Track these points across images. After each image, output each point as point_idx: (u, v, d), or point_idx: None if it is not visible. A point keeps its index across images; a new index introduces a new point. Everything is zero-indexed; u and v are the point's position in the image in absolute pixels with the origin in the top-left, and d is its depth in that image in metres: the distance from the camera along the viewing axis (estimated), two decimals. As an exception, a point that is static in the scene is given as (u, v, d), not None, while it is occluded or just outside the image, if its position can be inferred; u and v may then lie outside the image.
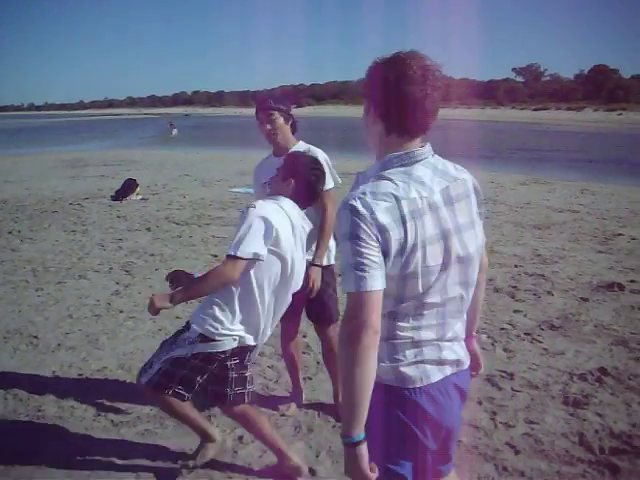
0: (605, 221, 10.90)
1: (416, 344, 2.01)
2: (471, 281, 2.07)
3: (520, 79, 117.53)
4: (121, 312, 6.08)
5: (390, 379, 2.01)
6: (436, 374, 2.04)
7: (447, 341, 2.07)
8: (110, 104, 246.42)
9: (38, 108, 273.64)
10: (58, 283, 7.13)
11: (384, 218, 1.83)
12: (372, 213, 1.83)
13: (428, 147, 2.03)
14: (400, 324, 1.98)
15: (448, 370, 2.07)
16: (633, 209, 12.23)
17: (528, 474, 3.41)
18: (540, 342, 5.24)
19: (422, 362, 2.01)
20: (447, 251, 1.94)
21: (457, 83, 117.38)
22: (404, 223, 1.85)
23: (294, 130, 3.96)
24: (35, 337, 5.45)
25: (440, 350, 2.05)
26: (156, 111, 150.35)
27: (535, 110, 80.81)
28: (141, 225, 10.58)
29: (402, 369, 2.00)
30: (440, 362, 2.05)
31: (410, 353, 2.00)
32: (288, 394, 4.35)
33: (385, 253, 1.84)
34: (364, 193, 1.88)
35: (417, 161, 1.97)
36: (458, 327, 2.11)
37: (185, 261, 7.99)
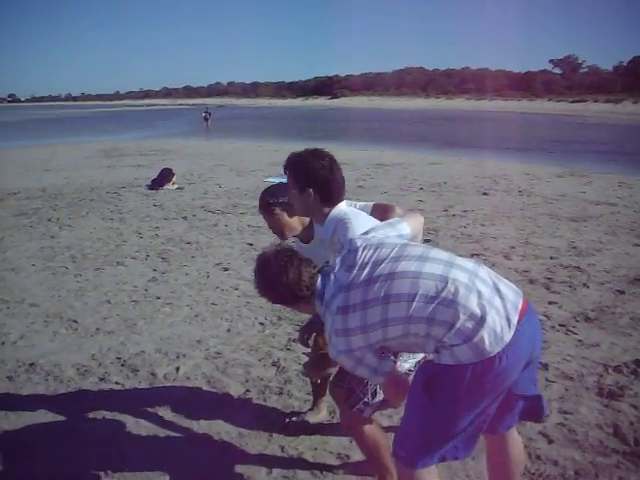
0: (643, 215, 10.73)
1: (474, 317, 2.17)
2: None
3: (557, 71, 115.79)
4: (158, 298, 6.19)
5: (469, 357, 2.17)
6: (507, 333, 2.19)
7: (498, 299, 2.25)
8: (146, 95, 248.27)
9: (75, 99, 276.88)
10: (96, 269, 7.27)
11: None
12: None
13: None
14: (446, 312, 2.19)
15: (514, 320, 2.22)
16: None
17: (561, 463, 3.41)
18: (575, 334, 5.21)
19: (490, 329, 2.18)
20: None
21: (493, 75, 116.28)
22: None
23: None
24: (74, 321, 5.58)
25: (498, 311, 2.21)
26: (191, 102, 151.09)
27: (572, 102, 79.48)
28: (177, 214, 10.72)
29: (477, 340, 2.17)
30: (506, 319, 2.21)
31: (475, 326, 2.17)
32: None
33: None
34: None
35: None
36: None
37: (221, 249, 8.09)
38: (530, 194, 12.80)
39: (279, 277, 2.44)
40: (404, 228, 2.67)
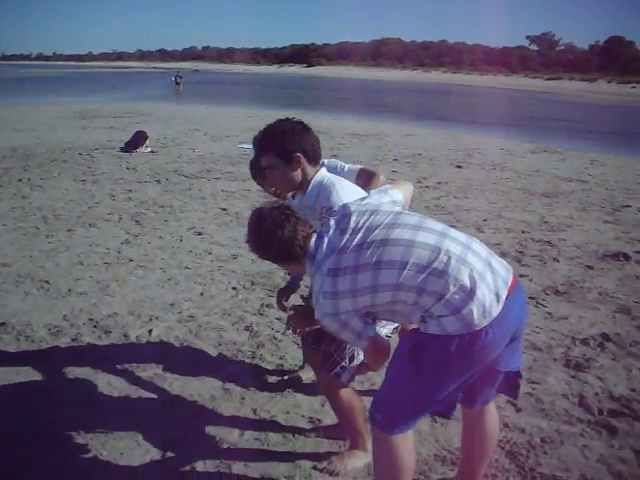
0: (613, 192, 10.87)
1: (464, 289, 2.19)
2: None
3: (534, 47, 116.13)
4: (131, 261, 6.15)
5: (456, 329, 2.20)
6: (495, 307, 2.22)
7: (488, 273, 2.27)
8: (119, 57, 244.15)
9: (47, 58, 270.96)
10: (68, 230, 7.19)
11: None
12: None
13: None
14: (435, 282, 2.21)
15: (503, 295, 2.25)
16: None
17: (528, 431, 3.49)
18: (545, 306, 5.29)
19: (479, 302, 2.19)
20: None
21: (470, 49, 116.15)
22: None
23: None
24: (46, 282, 5.53)
25: (488, 285, 2.23)
26: (166, 65, 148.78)
27: (548, 79, 79.58)
28: (151, 177, 10.61)
29: (465, 312, 2.18)
30: (496, 294, 2.23)
31: (464, 298, 2.18)
32: (296, 346, 4.42)
33: None
34: None
35: None
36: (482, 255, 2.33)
37: (194, 214, 8.05)
38: (504, 168, 12.90)
39: (274, 232, 2.42)
40: (397, 195, 2.67)
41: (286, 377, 3.94)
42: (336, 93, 47.43)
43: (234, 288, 5.51)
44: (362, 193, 2.95)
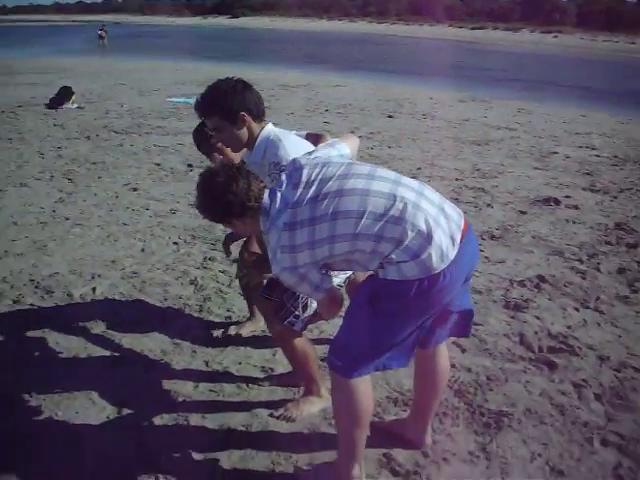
0: (541, 139, 11.17)
1: (421, 235, 2.23)
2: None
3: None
4: (67, 219, 6.00)
5: (415, 273, 2.23)
6: (451, 251, 2.27)
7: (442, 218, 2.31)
8: (36, 9, 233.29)
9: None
10: (-2, 191, 6.95)
11: None
12: None
13: None
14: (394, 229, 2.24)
15: (458, 238, 2.31)
16: (567, 129, 12.54)
17: (474, 370, 3.63)
18: (482, 251, 5.43)
19: (437, 246, 2.24)
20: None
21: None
22: None
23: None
24: (-21, 244, 5.35)
25: (443, 229, 2.28)
26: (85, 18, 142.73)
27: (473, 29, 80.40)
28: (80, 134, 10.27)
29: (424, 257, 2.23)
30: (451, 237, 2.29)
31: (422, 243, 2.23)
32: (241, 297, 4.43)
33: None
34: None
35: None
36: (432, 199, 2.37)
37: (128, 170, 7.88)
38: (434, 118, 13.06)
39: (229, 186, 2.38)
40: (344, 148, 2.67)
41: (233, 331, 3.96)
42: (262, 44, 46.71)
43: (175, 243, 5.46)
44: (309, 146, 2.96)
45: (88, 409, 3.17)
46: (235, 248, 3.95)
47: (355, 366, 2.44)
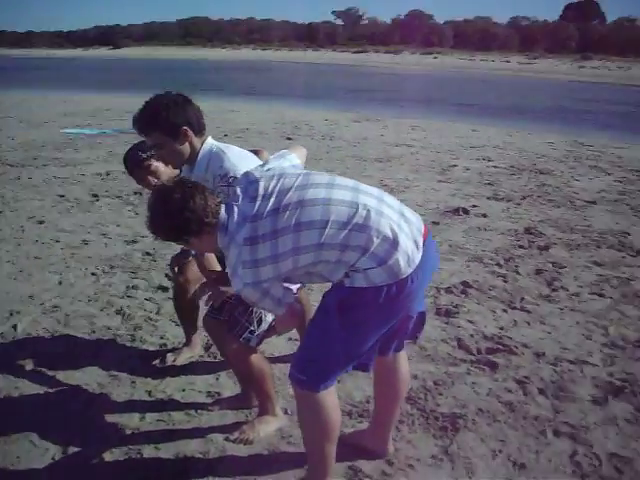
0: (439, 154, 11.54)
1: (387, 240, 2.23)
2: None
3: (340, 22, 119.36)
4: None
5: (384, 279, 2.22)
6: (416, 255, 2.28)
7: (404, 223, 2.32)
8: None
9: None
10: None
11: None
12: None
13: None
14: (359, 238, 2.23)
15: (420, 242, 2.31)
16: (461, 143, 13.05)
17: (420, 376, 3.65)
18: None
19: (403, 251, 2.24)
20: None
21: (278, 25, 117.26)
22: None
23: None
24: None
25: (407, 234, 2.28)
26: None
27: (355, 52, 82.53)
28: (-30, 169, 9.69)
29: (391, 263, 2.21)
30: (414, 241, 2.29)
31: (388, 249, 2.22)
32: (174, 324, 4.28)
33: None
34: None
35: None
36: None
37: (31, 202, 7.47)
38: (333, 138, 13.23)
39: (186, 203, 2.27)
40: (294, 159, 2.64)
41: (171, 358, 3.81)
42: (148, 74, 45.88)
43: (93, 274, 5.21)
44: (252, 157, 2.94)
45: (30, 452, 2.93)
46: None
47: (321, 379, 2.40)
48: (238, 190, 2.35)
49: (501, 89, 37.49)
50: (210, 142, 2.89)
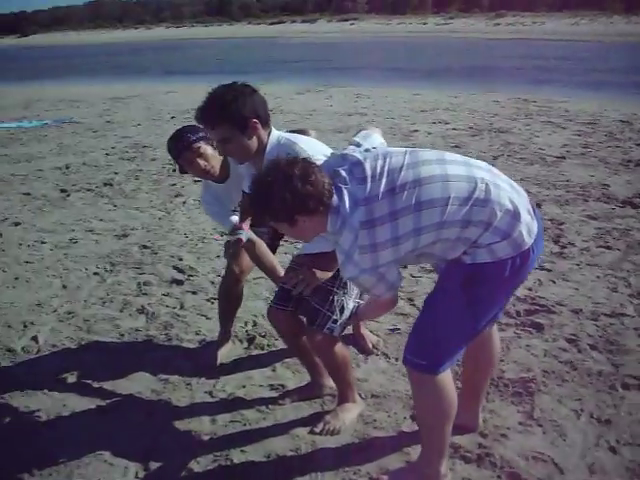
0: (395, 120, 11.50)
1: (509, 213, 2.18)
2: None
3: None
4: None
5: (508, 252, 2.17)
6: (533, 224, 2.24)
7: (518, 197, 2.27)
8: None
9: None
10: None
11: None
12: None
13: None
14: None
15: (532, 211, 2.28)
16: (411, 107, 13.06)
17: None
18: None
19: (524, 223, 2.20)
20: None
21: (188, 1, 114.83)
22: None
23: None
24: None
25: (522, 205, 2.24)
26: None
27: (272, 24, 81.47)
28: None
29: (515, 235, 2.17)
30: (528, 211, 2.25)
31: (511, 222, 2.18)
32: (202, 317, 4.13)
33: None
34: None
35: None
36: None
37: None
38: (283, 112, 13.00)
39: (307, 176, 2.12)
40: (380, 137, 2.57)
41: (223, 352, 3.66)
42: (66, 60, 44.13)
43: (96, 273, 4.96)
44: (321, 144, 2.84)
45: (109, 473, 2.73)
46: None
47: (443, 361, 2.33)
48: (343, 172, 2.23)
49: (427, 52, 37.81)
50: (277, 133, 2.79)
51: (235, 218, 3.07)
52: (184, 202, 6.80)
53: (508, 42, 43.30)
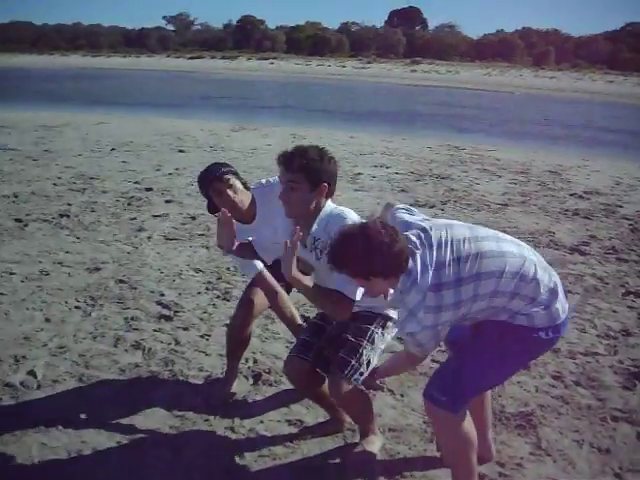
0: (337, 162, 11.75)
1: (550, 291, 2.51)
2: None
3: (171, 28, 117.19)
4: None
5: (544, 322, 2.49)
6: (565, 303, 2.57)
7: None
8: None
9: None
10: None
11: None
12: None
13: None
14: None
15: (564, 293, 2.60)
16: (351, 150, 13.47)
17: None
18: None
19: (560, 301, 2.53)
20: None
21: (107, 30, 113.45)
22: None
23: None
24: None
25: (556, 284, 2.56)
26: None
27: (191, 58, 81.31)
28: None
29: (553, 310, 2.50)
30: (564, 296, 2.59)
31: (551, 298, 2.50)
32: (201, 354, 4.19)
33: None
34: None
35: None
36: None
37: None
38: (224, 149, 13.17)
39: (391, 245, 2.36)
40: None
41: (233, 392, 3.74)
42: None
43: (77, 307, 4.91)
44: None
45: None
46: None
47: (462, 401, 2.58)
48: (413, 237, 2.46)
49: (350, 94, 38.85)
50: (331, 204, 2.99)
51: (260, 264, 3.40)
52: (149, 237, 6.79)
53: (426, 89, 45.00)
